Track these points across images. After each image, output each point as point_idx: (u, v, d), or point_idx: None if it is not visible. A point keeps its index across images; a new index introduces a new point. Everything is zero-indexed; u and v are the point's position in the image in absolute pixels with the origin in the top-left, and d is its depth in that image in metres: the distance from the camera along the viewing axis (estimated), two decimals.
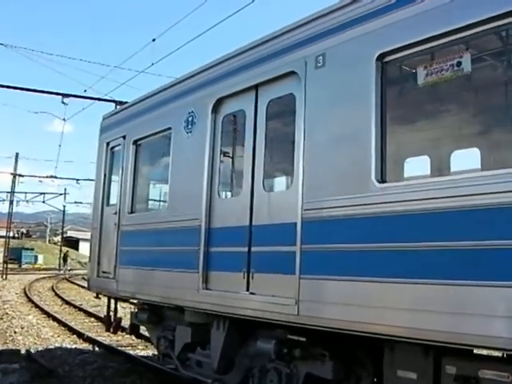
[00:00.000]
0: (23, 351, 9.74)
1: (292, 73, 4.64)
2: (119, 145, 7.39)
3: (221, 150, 5.42)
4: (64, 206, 56.11)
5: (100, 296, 10.04)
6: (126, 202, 6.95)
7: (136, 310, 7.37)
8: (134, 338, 11.78)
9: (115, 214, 7.18)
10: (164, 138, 6.44)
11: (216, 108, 5.50)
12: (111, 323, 7.78)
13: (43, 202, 46.96)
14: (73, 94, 19.64)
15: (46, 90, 20.41)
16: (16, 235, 72.36)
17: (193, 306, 5.42)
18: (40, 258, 60.85)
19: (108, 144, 7.72)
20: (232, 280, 4.98)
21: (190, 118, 5.86)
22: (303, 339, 4.51)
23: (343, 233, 3.97)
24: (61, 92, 19.54)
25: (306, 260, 4.21)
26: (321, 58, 4.38)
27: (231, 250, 5.06)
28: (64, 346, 10.76)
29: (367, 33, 4.02)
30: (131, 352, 9.76)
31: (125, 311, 14.62)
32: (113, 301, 7.83)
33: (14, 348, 10.26)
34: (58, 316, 15.19)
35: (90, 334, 11.72)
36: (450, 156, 5.58)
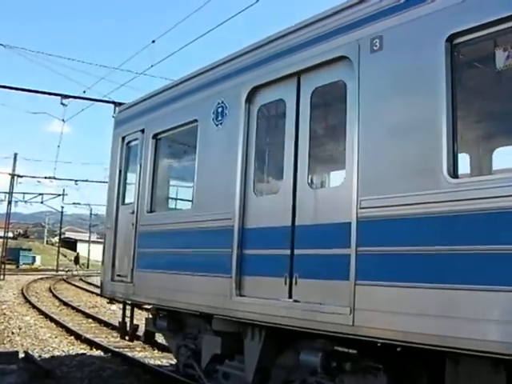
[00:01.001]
0: (21, 352, 9.57)
1: (342, 58, 4.20)
2: (136, 139, 6.91)
3: (256, 144, 4.95)
4: (62, 207, 55.90)
5: (113, 301, 9.48)
6: (144, 201, 6.47)
7: (151, 317, 6.90)
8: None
9: (132, 213, 6.70)
10: (188, 132, 5.95)
11: (250, 98, 5.04)
12: (126, 330, 7.27)
13: (41, 202, 46.72)
14: (72, 94, 19.55)
15: (45, 90, 20.31)
16: (15, 235, 72.01)
17: (223, 314, 4.95)
18: (38, 258, 60.44)
19: (124, 138, 7.23)
20: (271, 286, 4.52)
21: (219, 109, 5.40)
22: (353, 351, 4.07)
23: (409, 234, 3.52)
24: (60, 93, 19.39)
25: (362, 264, 3.76)
26: (377, 40, 3.94)
27: (270, 253, 4.60)
28: (62, 347, 10.68)
29: (435, 12, 3.58)
30: (129, 354, 9.68)
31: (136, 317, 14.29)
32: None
33: (11, 349, 10.06)
34: (55, 317, 15.04)
35: (87, 336, 11.59)
36: None
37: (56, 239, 72.25)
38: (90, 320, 15.11)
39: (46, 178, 39.31)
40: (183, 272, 5.54)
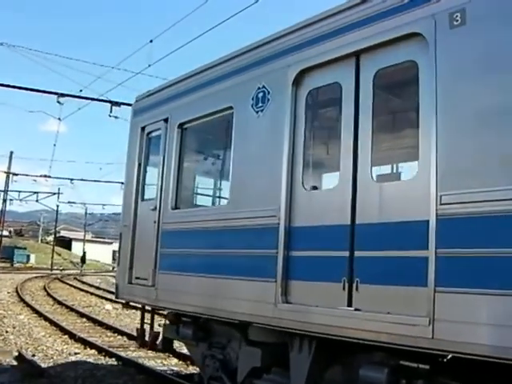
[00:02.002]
0: (14, 351, 9.53)
1: (413, 35, 3.70)
2: (159, 129, 6.35)
3: (305, 132, 4.43)
4: (57, 206, 55.18)
5: (129, 306, 8.92)
6: (168, 197, 5.91)
7: (170, 323, 6.34)
8: (125, 338, 12.03)
9: (154, 209, 6.14)
10: (221, 120, 5.43)
11: (298, 81, 4.52)
12: (145, 337, 6.68)
13: (36, 201, 46.21)
14: (69, 93, 19.30)
15: (41, 89, 20.19)
16: (10, 233, 71.44)
17: (265, 323, 4.42)
18: (32, 257, 59.72)
19: (143, 129, 6.67)
20: (325, 292, 4.00)
21: (260, 95, 4.88)
22: (425, 366, 3.57)
23: (503, 233, 3.02)
24: (56, 91, 19.14)
25: (444, 268, 3.25)
26: (458, 14, 3.45)
27: (323, 255, 4.07)
28: (55, 346, 10.61)
29: None
30: (123, 353, 9.61)
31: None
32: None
33: (5, 348, 10.02)
34: (49, 316, 14.95)
35: (81, 335, 11.53)
36: None
37: (51, 238, 71.43)
38: (85, 319, 15.07)
39: (41, 176, 38.87)
40: (217, 275, 4.99)
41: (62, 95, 18.79)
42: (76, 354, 9.79)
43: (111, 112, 18.96)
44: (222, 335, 5.50)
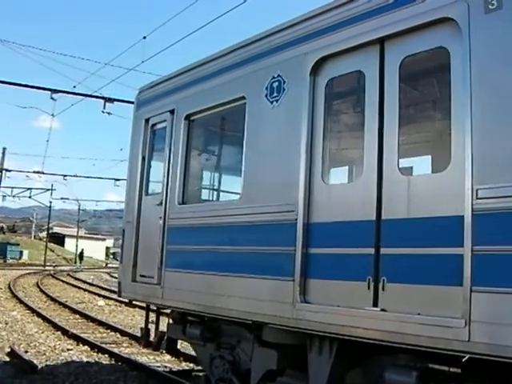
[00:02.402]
0: (7, 347, 9.52)
1: (444, 20, 3.48)
2: (164, 121, 6.09)
3: (324, 123, 4.20)
4: (50, 202, 54.82)
5: (132, 304, 8.63)
6: (175, 191, 5.65)
7: (175, 322, 6.10)
8: (118, 335, 11.89)
9: (159, 204, 5.89)
10: (232, 111, 5.19)
11: (316, 70, 4.28)
12: (149, 338, 6.43)
13: (30, 197, 45.87)
14: (62, 89, 19.17)
15: (35, 85, 19.85)
16: (3, 229, 71.06)
17: (283, 324, 4.19)
18: (25, 253, 59.31)
19: (148, 121, 6.40)
20: (348, 291, 3.79)
21: (275, 84, 4.64)
22: (456, 370, 3.38)
23: None
24: (50, 87, 18.99)
25: (482, 266, 3.06)
26: None
27: (346, 252, 3.86)
28: (48, 342, 10.58)
29: None
30: (115, 350, 9.59)
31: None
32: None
33: None
34: (42, 312, 14.92)
35: (74, 331, 11.54)
36: None
37: (44, 234, 70.90)
38: (77, 315, 15.05)
39: (34, 172, 38.58)
40: (228, 274, 4.75)
41: (56, 91, 18.69)
42: (69, 350, 9.75)
43: (104, 108, 18.97)
44: (231, 335, 5.28)
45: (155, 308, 6.39)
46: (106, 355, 9.20)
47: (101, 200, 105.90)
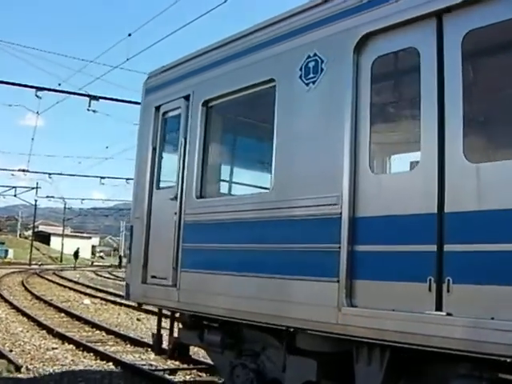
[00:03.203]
0: None
1: None
2: (178, 108, 5.58)
3: (371, 106, 3.75)
4: (36, 201, 53.79)
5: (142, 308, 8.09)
6: (192, 184, 5.15)
7: (183, 327, 5.60)
8: (104, 333, 11.81)
9: (173, 199, 5.38)
10: (259, 95, 4.72)
11: (361, 47, 3.84)
12: (161, 344, 5.87)
13: (15, 195, 45.12)
14: (47, 87, 19.00)
15: (19, 82, 20.46)
16: None
17: (326, 330, 3.74)
18: (10, 252, 58.11)
19: (158, 108, 5.88)
20: (404, 294, 3.37)
21: (310, 64, 4.19)
22: None
23: None
24: (35, 85, 18.81)
25: None
26: None
27: (401, 250, 3.42)
28: (33, 341, 10.49)
29: None
30: (101, 348, 9.58)
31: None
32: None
33: None
34: (27, 311, 14.81)
35: (59, 330, 11.49)
36: None
37: (29, 233, 69.56)
38: (63, 314, 14.99)
39: (19, 170, 38.08)
40: (257, 274, 4.29)
41: (41, 89, 18.49)
42: (54, 349, 9.67)
43: (90, 106, 18.88)
44: (255, 342, 4.83)
45: (165, 312, 5.91)
46: (92, 354, 9.16)
47: (86, 198, 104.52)
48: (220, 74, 5.09)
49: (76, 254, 53.06)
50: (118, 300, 19.17)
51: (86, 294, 21.70)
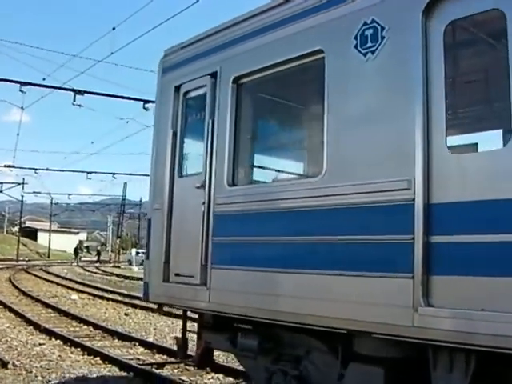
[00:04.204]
0: None
1: None
2: (202, 87, 5.02)
3: (446, 78, 3.25)
4: (22, 196, 52.82)
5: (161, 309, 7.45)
6: (222, 171, 4.61)
7: (206, 330, 5.06)
8: (91, 328, 11.82)
9: (200, 187, 4.85)
10: (303, 69, 4.18)
11: (431, 10, 3.32)
12: (187, 350, 5.31)
13: (1, 191, 44.27)
14: (31, 82, 18.87)
15: (2, 77, 19.32)
16: None
17: (398, 334, 3.27)
18: None
19: (178, 88, 5.29)
20: (497, 291, 2.92)
21: (368, 32, 3.67)
22: None
23: None
24: (19, 80, 18.59)
25: None
26: None
27: (493, 240, 2.96)
28: (20, 337, 10.46)
29: None
30: (88, 343, 9.61)
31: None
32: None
33: None
34: (14, 307, 14.71)
35: (47, 326, 11.49)
36: None
37: (16, 229, 68.20)
38: (50, 310, 14.96)
39: (5, 166, 37.58)
40: (308, 271, 3.79)
41: (25, 84, 18.27)
42: (41, 344, 9.64)
43: (75, 100, 18.82)
44: (296, 346, 4.34)
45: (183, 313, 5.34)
46: (79, 349, 9.18)
47: (73, 193, 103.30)
48: (253, 47, 4.53)
49: (76, 251, 52.68)
50: (106, 295, 19.39)
51: (73, 289, 21.72)
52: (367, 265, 3.46)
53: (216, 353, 5.63)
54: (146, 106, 19.69)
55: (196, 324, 5.34)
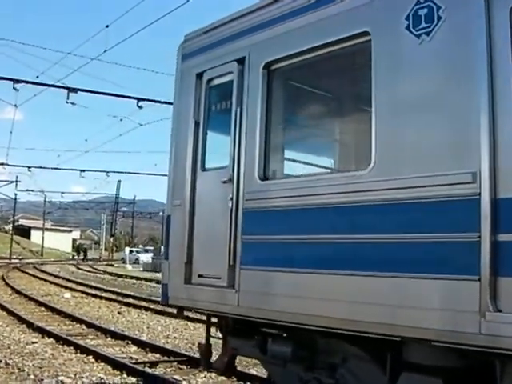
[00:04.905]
0: None
1: None
2: (229, 73, 4.67)
3: None
4: (15, 194, 52.26)
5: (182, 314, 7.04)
6: (253, 164, 4.27)
7: (234, 336, 4.69)
8: (84, 326, 11.83)
9: (227, 182, 4.53)
10: (345, 53, 3.86)
11: None
12: (210, 357, 4.93)
13: None
14: (25, 79, 18.75)
15: None
16: None
17: (464, 342, 2.96)
18: None
19: (201, 75, 4.95)
20: None
21: (421, 12, 3.35)
22: None
23: None
24: (12, 77, 18.45)
25: None
26: None
27: None
28: (13, 335, 10.41)
29: None
30: (81, 341, 9.59)
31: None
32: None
33: None
34: (7, 305, 14.68)
35: (39, 324, 11.46)
36: None
37: (9, 227, 67.43)
38: (43, 308, 14.96)
39: None
40: (355, 272, 3.46)
41: (18, 81, 18.17)
42: (33, 343, 9.60)
43: (68, 98, 18.74)
44: (332, 353, 4.03)
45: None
46: (72, 347, 9.17)
47: (66, 192, 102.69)
48: (288, 30, 4.19)
49: (78, 249, 53.37)
50: (99, 293, 19.39)
51: (66, 287, 21.65)
52: (425, 266, 3.15)
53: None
54: (140, 104, 19.90)
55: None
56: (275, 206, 4.13)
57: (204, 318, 13.06)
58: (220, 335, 5.00)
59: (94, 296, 18.41)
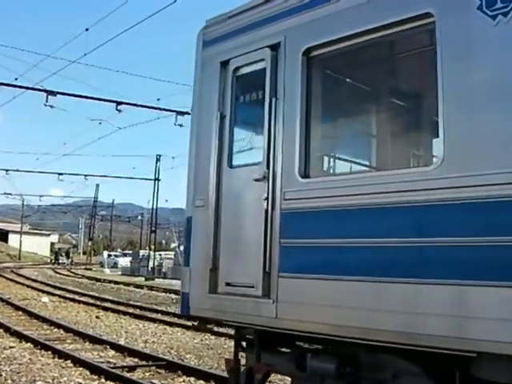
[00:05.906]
0: None
1: None
2: (260, 61, 4.24)
3: None
4: None
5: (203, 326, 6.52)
6: (292, 160, 3.83)
7: (264, 350, 4.23)
8: (62, 331, 11.64)
9: (260, 180, 4.09)
10: (402, 38, 3.50)
11: None
12: (239, 375, 4.35)
13: None
14: (3, 82, 18.86)
15: None
16: None
17: None
18: None
19: (226, 64, 4.50)
20: None
21: None
22: None
23: None
24: None
25: None
26: None
27: None
28: None
29: None
30: (59, 346, 9.50)
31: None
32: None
33: None
34: None
35: (17, 328, 11.36)
36: None
37: None
38: (20, 312, 14.80)
39: None
40: (419, 280, 3.08)
41: None
42: (11, 347, 9.50)
43: (47, 101, 18.60)
44: (380, 368, 3.64)
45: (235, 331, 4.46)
46: (50, 352, 9.08)
47: (45, 195, 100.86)
48: (331, 12, 3.78)
49: (56, 254, 54.01)
50: (77, 297, 19.17)
51: (44, 291, 21.35)
52: (502, 273, 2.80)
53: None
54: (119, 107, 19.85)
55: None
56: (321, 206, 3.69)
57: (181, 321, 12.74)
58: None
59: (72, 300, 18.29)
